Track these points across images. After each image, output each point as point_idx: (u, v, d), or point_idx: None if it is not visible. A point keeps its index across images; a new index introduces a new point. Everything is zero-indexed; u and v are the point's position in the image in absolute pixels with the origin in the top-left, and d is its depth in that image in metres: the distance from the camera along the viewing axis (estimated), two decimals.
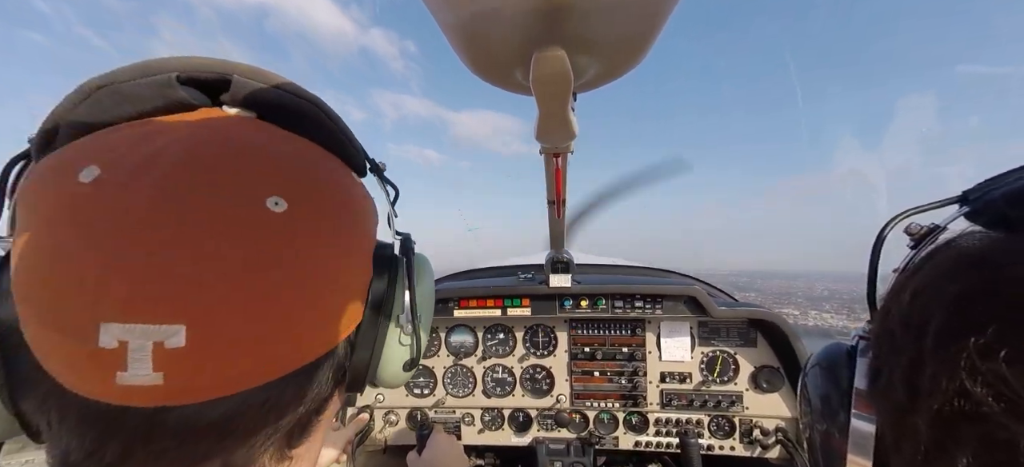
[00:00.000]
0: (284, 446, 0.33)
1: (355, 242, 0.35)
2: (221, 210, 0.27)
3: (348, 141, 0.39)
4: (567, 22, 0.31)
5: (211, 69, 0.34)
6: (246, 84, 0.34)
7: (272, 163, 0.31)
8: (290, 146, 0.34)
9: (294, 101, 0.36)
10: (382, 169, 0.46)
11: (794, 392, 1.44)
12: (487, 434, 1.62)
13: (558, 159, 0.70)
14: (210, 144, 0.30)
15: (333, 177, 0.35)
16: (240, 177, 0.29)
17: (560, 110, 0.43)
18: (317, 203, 0.32)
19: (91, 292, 0.25)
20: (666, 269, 1.93)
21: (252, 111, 0.35)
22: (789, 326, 1.38)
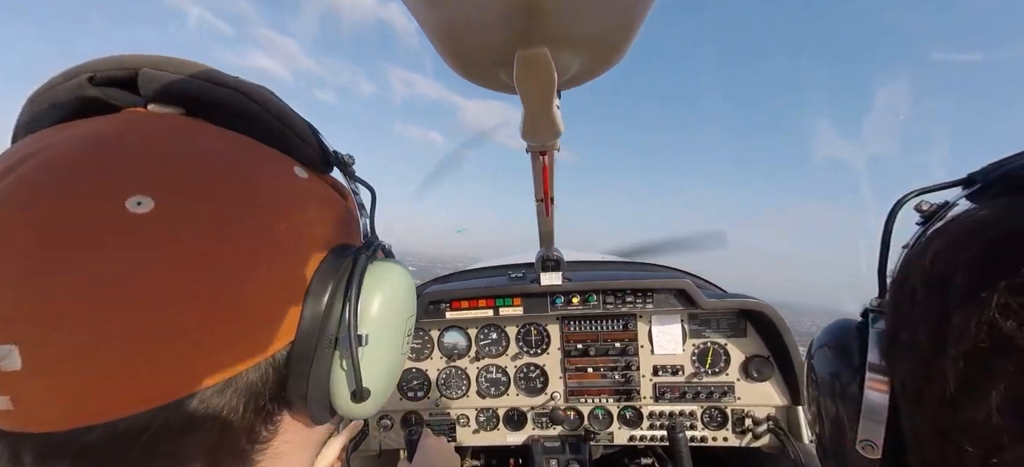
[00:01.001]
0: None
1: (267, 247, 0.29)
2: (69, 214, 0.24)
3: (293, 133, 0.36)
4: (548, 20, 0.31)
5: (121, 65, 0.32)
6: (154, 76, 0.32)
7: (143, 159, 0.27)
8: (184, 140, 0.30)
9: (211, 90, 0.32)
10: (349, 163, 0.41)
11: (784, 380, 1.46)
12: (482, 434, 1.61)
13: (545, 157, 0.70)
14: (77, 144, 0.27)
15: (242, 173, 0.31)
16: (97, 177, 0.26)
17: (545, 108, 0.43)
18: (202, 202, 0.27)
19: None
20: (655, 263, 1.94)
21: (177, 107, 0.33)
22: (778, 315, 1.40)
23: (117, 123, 0.30)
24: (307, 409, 0.33)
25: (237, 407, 0.29)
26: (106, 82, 0.32)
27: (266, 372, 0.30)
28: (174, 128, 0.31)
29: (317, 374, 0.33)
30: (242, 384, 0.29)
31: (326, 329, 0.33)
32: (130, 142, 0.28)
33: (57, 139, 0.28)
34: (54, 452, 0.25)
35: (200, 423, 0.27)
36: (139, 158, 0.27)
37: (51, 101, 0.32)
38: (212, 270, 0.26)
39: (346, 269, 0.34)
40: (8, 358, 0.23)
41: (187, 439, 0.27)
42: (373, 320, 0.36)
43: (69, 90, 0.32)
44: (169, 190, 0.26)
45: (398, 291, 0.39)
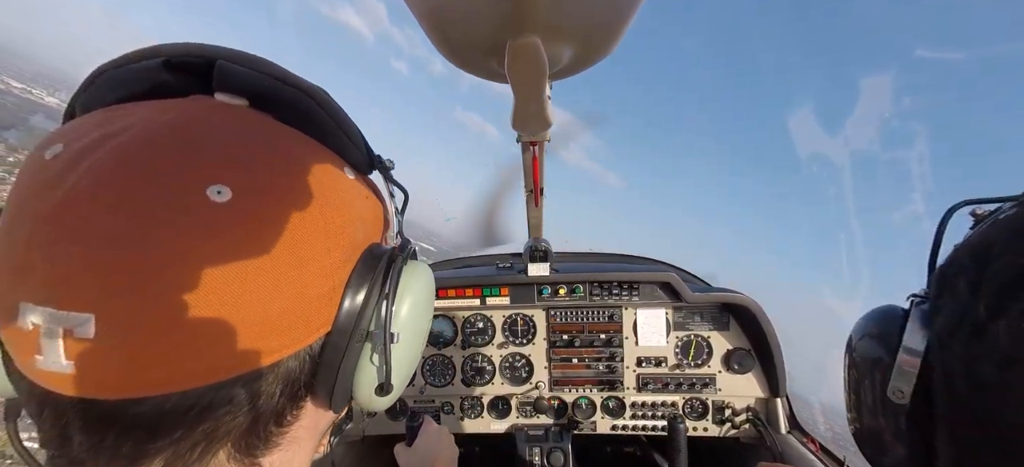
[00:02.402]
0: (240, 452, 0.31)
1: (322, 243, 0.31)
2: (154, 196, 0.25)
3: (346, 135, 0.37)
4: (540, 9, 0.30)
5: (198, 54, 0.33)
6: (231, 70, 0.33)
7: (225, 151, 0.29)
8: (257, 134, 0.31)
9: (283, 90, 0.34)
10: (389, 168, 0.43)
11: (764, 373, 1.49)
12: (467, 422, 1.62)
13: (535, 148, 0.69)
14: (162, 128, 0.28)
15: (302, 169, 0.32)
16: (183, 164, 0.27)
17: (536, 98, 0.42)
18: (272, 196, 0.29)
19: (16, 271, 0.25)
20: (642, 256, 1.96)
21: (242, 98, 0.33)
22: (760, 310, 1.43)
23: (196, 110, 0.31)
24: (329, 398, 0.35)
25: (275, 392, 0.31)
26: (179, 67, 0.33)
27: (303, 360, 0.32)
28: (249, 122, 0.32)
29: (346, 366, 0.34)
30: (283, 370, 0.31)
31: (360, 324, 0.34)
32: (211, 132, 0.29)
33: (138, 119, 0.29)
34: (102, 421, 0.26)
35: (241, 404, 0.29)
36: (220, 149, 0.29)
37: (121, 78, 0.32)
38: (275, 261, 0.28)
39: (383, 268, 0.36)
40: (84, 326, 0.24)
41: (226, 418, 0.29)
42: (403, 319, 0.37)
43: (141, 70, 0.32)
44: (246, 182, 0.28)
45: (426, 294, 0.41)
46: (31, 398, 0.27)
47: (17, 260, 0.25)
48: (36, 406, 0.27)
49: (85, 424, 0.26)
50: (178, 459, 0.28)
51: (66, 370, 0.24)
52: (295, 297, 0.30)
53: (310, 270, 0.30)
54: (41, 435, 0.27)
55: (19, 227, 0.25)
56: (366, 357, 0.36)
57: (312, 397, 0.35)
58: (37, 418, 0.27)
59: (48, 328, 0.24)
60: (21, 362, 0.26)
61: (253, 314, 0.27)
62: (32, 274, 0.24)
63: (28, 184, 0.27)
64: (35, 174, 0.27)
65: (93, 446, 0.27)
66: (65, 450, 0.27)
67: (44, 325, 0.24)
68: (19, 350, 0.25)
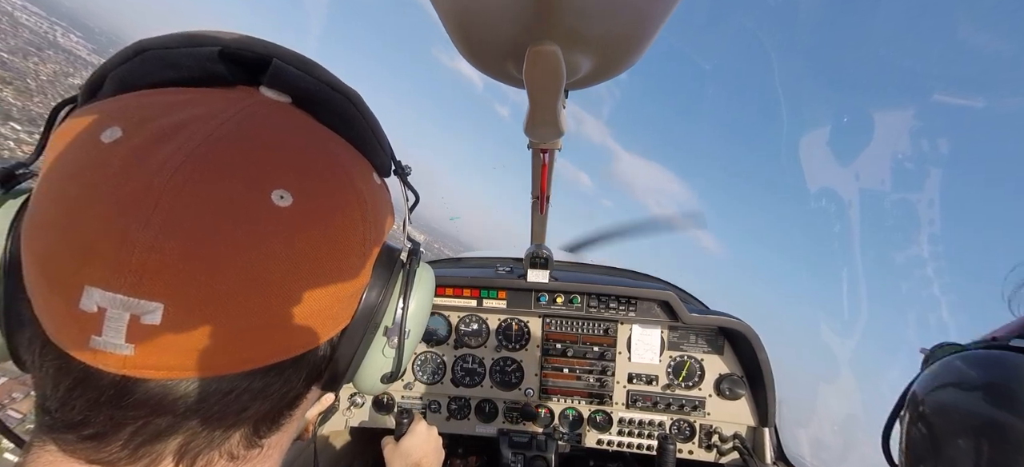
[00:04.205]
0: (252, 434, 0.33)
1: (357, 245, 0.33)
2: (225, 196, 0.27)
3: (377, 141, 0.39)
4: (563, 17, 0.30)
5: (255, 49, 0.34)
6: (285, 70, 0.34)
7: (286, 155, 0.30)
8: (311, 139, 0.33)
9: (329, 94, 0.35)
10: (407, 173, 0.45)
11: (754, 401, 1.49)
12: (453, 422, 1.62)
13: (545, 155, 0.69)
14: (230, 127, 0.29)
15: (349, 176, 0.34)
16: (251, 166, 0.28)
17: (550, 105, 0.42)
18: (325, 201, 0.31)
19: (82, 254, 0.25)
20: (642, 273, 1.96)
21: (287, 96, 0.35)
22: (757, 337, 1.42)
23: (253, 108, 0.32)
24: (333, 383, 0.37)
25: (299, 379, 0.33)
26: (233, 59, 0.33)
27: (326, 351, 0.34)
28: (298, 125, 0.33)
29: (359, 357, 0.37)
30: (310, 360, 0.33)
31: (375, 318, 0.37)
32: (273, 135, 0.31)
33: (204, 113, 0.29)
34: (143, 398, 0.27)
35: (273, 391, 0.31)
36: (281, 153, 0.30)
37: (170, 60, 0.32)
38: (322, 263, 0.30)
39: (400, 269, 0.39)
40: (152, 314, 0.25)
41: (256, 403, 0.31)
42: (411, 316, 0.40)
43: (195, 55, 0.32)
44: (303, 187, 0.30)
45: (430, 294, 0.44)
46: (64, 374, 0.27)
47: (84, 243, 0.25)
48: (71, 381, 0.27)
49: (124, 401, 0.27)
50: (199, 437, 0.30)
51: (125, 352, 0.25)
52: (332, 296, 0.32)
53: (346, 271, 0.33)
54: (62, 412, 0.28)
55: (86, 209, 0.25)
56: (376, 348, 0.38)
57: (318, 381, 0.37)
58: (67, 393, 0.27)
59: (115, 314, 0.25)
60: (69, 340, 0.26)
61: (298, 310, 0.29)
62: (102, 259, 0.25)
63: (87, 166, 0.27)
64: (95, 157, 0.27)
65: (123, 422, 0.28)
66: (86, 426, 0.28)
67: (111, 310, 0.25)
68: (70, 328, 0.26)
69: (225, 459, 0.32)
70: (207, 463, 0.31)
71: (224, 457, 0.32)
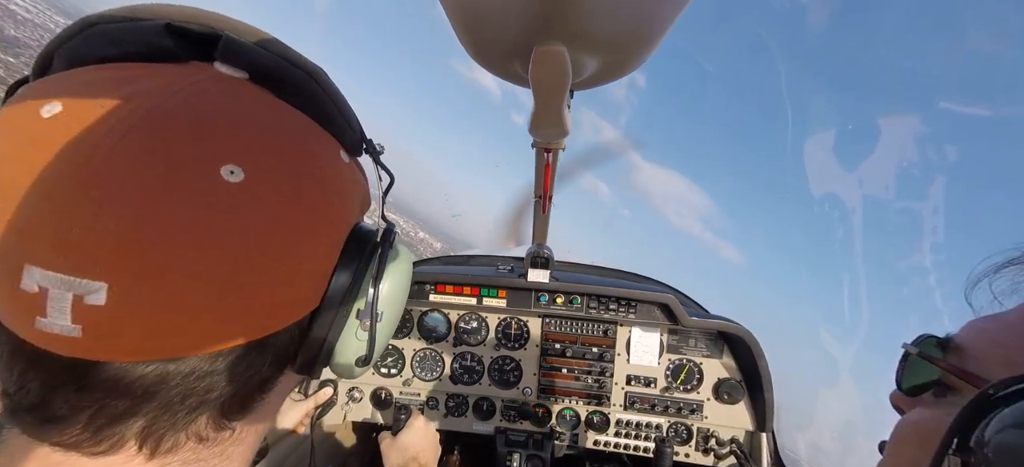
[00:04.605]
0: (220, 417, 0.32)
1: (322, 224, 0.33)
2: (169, 172, 0.26)
3: (343, 118, 0.38)
4: (570, 18, 0.30)
5: (203, 22, 0.33)
6: (238, 44, 0.33)
7: (237, 130, 0.29)
8: (266, 114, 0.32)
9: (287, 68, 0.34)
10: (379, 152, 0.44)
11: (752, 405, 1.49)
12: (450, 419, 1.62)
13: (549, 155, 0.69)
14: (178, 101, 0.28)
15: (309, 152, 0.33)
16: (198, 141, 0.27)
17: (555, 105, 0.42)
18: (281, 177, 0.30)
19: (22, 232, 0.24)
20: (643, 275, 1.95)
21: (243, 72, 0.33)
22: (756, 342, 1.42)
23: (205, 85, 0.30)
24: (307, 368, 0.37)
25: (264, 362, 0.32)
26: (181, 34, 0.32)
27: (294, 334, 0.34)
28: (255, 100, 0.32)
29: (331, 340, 0.36)
30: (275, 343, 0.32)
31: (346, 300, 0.36)
32: (224, 111, 0.30)
33: (150, 89, 0.28)
34: (100, 382, 0.27)
35: (237, 373, 0.30)
36: (233, 128, 0.29)
37: (116, 35, 0.31)
38: (280, 241, 0.29)
39: (373, 250, 0.38)
40: (95, 294, 0.24)
41: (221, 386, 0.30)
42: (384, 298, 0.39)
43: (141, 30, 0.31)
44: (257, 163, 0.28)
45: (406, 277, 0.43)
46: (17, 357, 0.27)
47: (23, 220, 0.24)
48: (23, 364, 0.27)
49: (80, 386, 0.27)
50: (161, 420, 0.29)
51: (73, 333, 0.25)
52: (294, 276, 0.31)
53: (309, 250, 0.32)
54: (19, 395, 0.27)
55: (25, 186, 0.25)
56: (350, 331, 0.37)
57: (291, 365, 0.36)
58: (21, 376, 0.27)
59: (57, 293, 0.24)
60: (16, 321, 0.26)
61: (257, 291, 0.28)
62: (40, 237, 0.24)
63: (26, 142, 0.26)
64: (34, 133, 0.26)
65: (80, 405, 0.27)
66: (45, 409, 0.27)
67: (53, 290, 0.24)
68: (15, 309, 0.25)
69: (193, 441, 0.31)
70: (174, 445, 0.30)
71: (192, 439, 0.31)
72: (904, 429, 0.43)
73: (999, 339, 0.37)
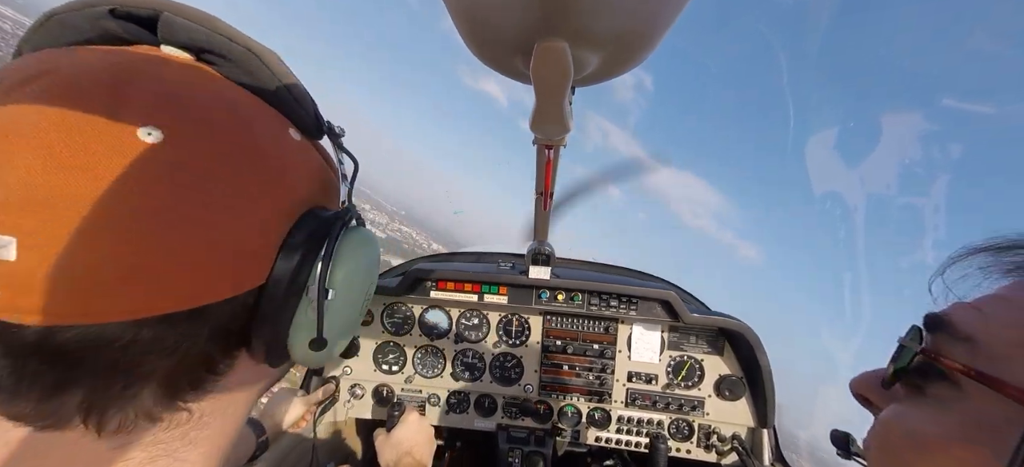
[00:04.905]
0: (166, 396, 0.31)
1: (259, 197, 0.32)
2: (84, 130, 0.26)
3: (291, 97, 0.38)
4: (572, 14, 0.30)
5: (144, 3, 0.33)
6: (175, 21, 0.33)
7: (161, 93, 0.29)
8: (202, 84, 0.32)
9: (224, 43, 0.34)
10: (339, 134, 0.43)
11: (753, 402, 1.49)
12: (451, 416, 1.62)
13: (550, 151, 0.69)
14: (99, 67, 0.29)
15: (244, 123, 0.33)
16: (117, 102, 0.27)
17: (557, 102, 0.42)
18: (205, 143, 0.29)
19: None
20: (644, 272, 1.96)
21: (189, 53, 0.34)
22: (757, 339, 1.42)
23: (134, 56, 0.31)
24: (265, 351, 0.36)
25: (201, 336, 0.31)
26: (125, 17, 0.33)
27: (235, 309, 0.33)
28: (187, 70, 0.33)
29: (281, 320, 0.35)
30: (210, 316, 0.31)
31: (297, 279, 0.35)
32: (147, 75, 0.30)
33: (76, 59, 0.29)
34: (26, 348, 0.26)
35: (166, 344, 0.29)
36: (154, 92, 0.29)
37: (70, 22, 0.33)
38: (203, 207, 0.29)
39: (323, 229, 0.37)
40: (5, 249, 0.24)
41: (149, 357, 0.29)
42: (340, 280, 0.38)
43: (87, 17, 0.33)
44: (178, 126, 0.28)
45: (365, 259, 0.42)
46: None
47: None
48: None
49: (7, 348, 0.26)
50: (98, 392, 0.29)
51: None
52: (224, 246, 0.30)
53: (241, 221, 0.31)
54: None
55: None
56: (302, 313, 0.36)
57: (248, 350, 0.36)
58: None
59: None
60: None
61: (177, 256, 0.28)
62: None
63: None
64: None
65: (15, 371, 0.27)
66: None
67: None
68: None
69: (145, 420, 0.31)
70: (122, 424, 0.30)
71: (142, 418, 0.31)
72: (895, 436, 0.40)
73: (1009, 329, 0.33)
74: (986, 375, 0.33)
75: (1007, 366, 0.32)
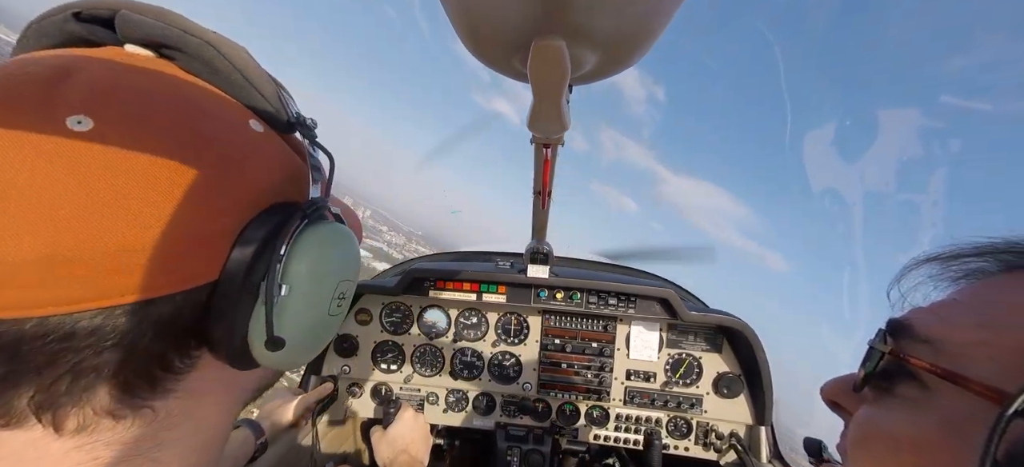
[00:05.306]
0: (123, 393, 0.31)
1: (209, 188, 0.31)
2: (11, 122, 0.26)
3: (254, 89, 0.37)
4: (568, 12, 0.30)
5: (104, 4, 0.34)
6: (131, 18, 0.33)
7: (95, 84, 0.29)
8: (143, 75, 0.32)
9: (179, 36, 0.34)
10: (310, 127, 0.42)
11: (751, 400, 1.49)
12: (450, 415, 1.63)
13: (548, 150, 0.69)
14: (39, 65, 0.29)
15: (195, 114, 0.32)
16: (49, 92, 0.27)
17: (554, 100, 0.42)
18: (144, 131, 0.29)
19: None
20: (642, 270, 1.96)
21: (150, 50, 0.35)
22: (755, 336, 1.43)
23: (80, 54, 0.32)
24: (226, 351, 0.34)
25: (145, 333, 0.30)
26: (90, 19, 0.34)
27: (181, 305, 0.31)
28: (136, 64, 0.32)
29: (238, 318, 0.34)
30: (152, 312, 0.30)
31: (251, 276, 0.33)
32: (86, 69, 0.29)
33: (25, 60, 0.30)
34: None
35: (104, 339, 0.28)
36: (90, 83, 0.29)
37: (41, 31, 0.34)
38: (137, 196, 0.28)
39: (279, 223, 0.35)
40: None
41: (90, 351, 0.28)
42: (297, 275, 0.36)
43: (55, 23, 0.34)
44: (112, 115, 0.28)
45: (329, 252, 0.39)
46: None
47: None
48: None
49: None
50: (46, 388, 0.28)
51: None
52: (164, 237, 0.29)
53: (184, 212, 0.30)
54: None
55: None
56: (259, 312, 0.35)
57: (210, 349, 0.35)
58: None
59: None
60: None
61: (108, 246, 0.27)
62: None
63: None
64: None
65: None
66: None
67: None
68: None
69: (107, 419, 0.31)
70: (82, 423, 0.30)
71: (103, 416, 0.30)
72: (871, 437, 0.41)
73: (970, 329, 0.36)
74: (952, 372, 0.34)
75: (968, 364, 0.34)
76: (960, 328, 0.37)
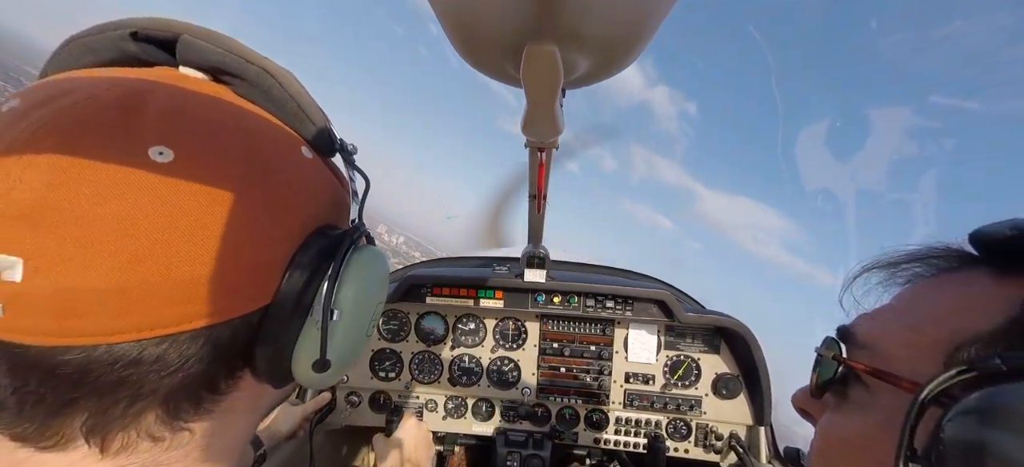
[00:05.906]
0: (169, 416, 0.31)
1: (263, 215, 0.32)
2: (94, 150, 0.26)
3: (306, 116, 0.38)
4: (560, 17, 0.30)
5: (163, 27, 0.34)
6: (193, 44, 0.34)
7: (171, 114, 0.29)
8: (213, 103, 0.33)
9: (242, 66, 0.35)
10: (351, 152, 0.43)
11: (750, 400, 1.49)
12: (450, 421, 1.62)
13: (542, 154, 0.69)
14: (114, 89, 0.29)
15: (256, 142, 0.33)
16: (128, 122, 0.28)
17: (548, 105, 0.42)
18: (217, 163, 0.30)
19: None
20: (639, 272, 1.96)
21: (204, 74, 0.35)
22: (753, 337, 1.43)
23: (151, 77, 0.32)
24: (268, 372, 0.35)
25: (205, 357, 0.31)
26: (146, 40, 0.34)
27: (238, 330, 0.32)
28: (200, 90, 0.33)
29: (286, 340, 0.35)
30: (214, 336, 0.30)
31: (302, 300, 0.34)
32: (161, 97, 0.30)
33: (96, 80, 0.30)
34: (28, 366, 0.26)
35: (169, 364, 0.29)
36: (167, 112, 0.29)
37: (90, 46, 0.34)
38: (211, 227, 0.29)
39: (331, 248, 0.36)
40: (12, 270, 0.24)
41: (153, 376, 0.29)
42: (347, 300, 0.37)
43: (109, 40, 0.34)
44: (189, 146, 0.29)
45: (373, 278, 0.41)
46: None
47: None
48: None
49: (10, 368, 0.26)
50: (102, 412, 0.28)
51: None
52: (230, 265, 0.30)
53: (248, 240, 0.31)
54: None
55: None
56: (307, 334, 0.36)
57: (251, 370, 0.35)
58: None
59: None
60: None
61: (183, 275, 0.28)
62: None
63: None
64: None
65: (16, 390, 0.27)
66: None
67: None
68: None
69: (147, 441, 0.31)
70: (124, 444, 0.30)
71: (145, 438, 0.31)
72: (829, 444, 0.44)
73: (895, 332, 0.40)
74: (883, 371, 0.38)
75: (896, 363, 0.37)
76: (891, 331, 0.40)
